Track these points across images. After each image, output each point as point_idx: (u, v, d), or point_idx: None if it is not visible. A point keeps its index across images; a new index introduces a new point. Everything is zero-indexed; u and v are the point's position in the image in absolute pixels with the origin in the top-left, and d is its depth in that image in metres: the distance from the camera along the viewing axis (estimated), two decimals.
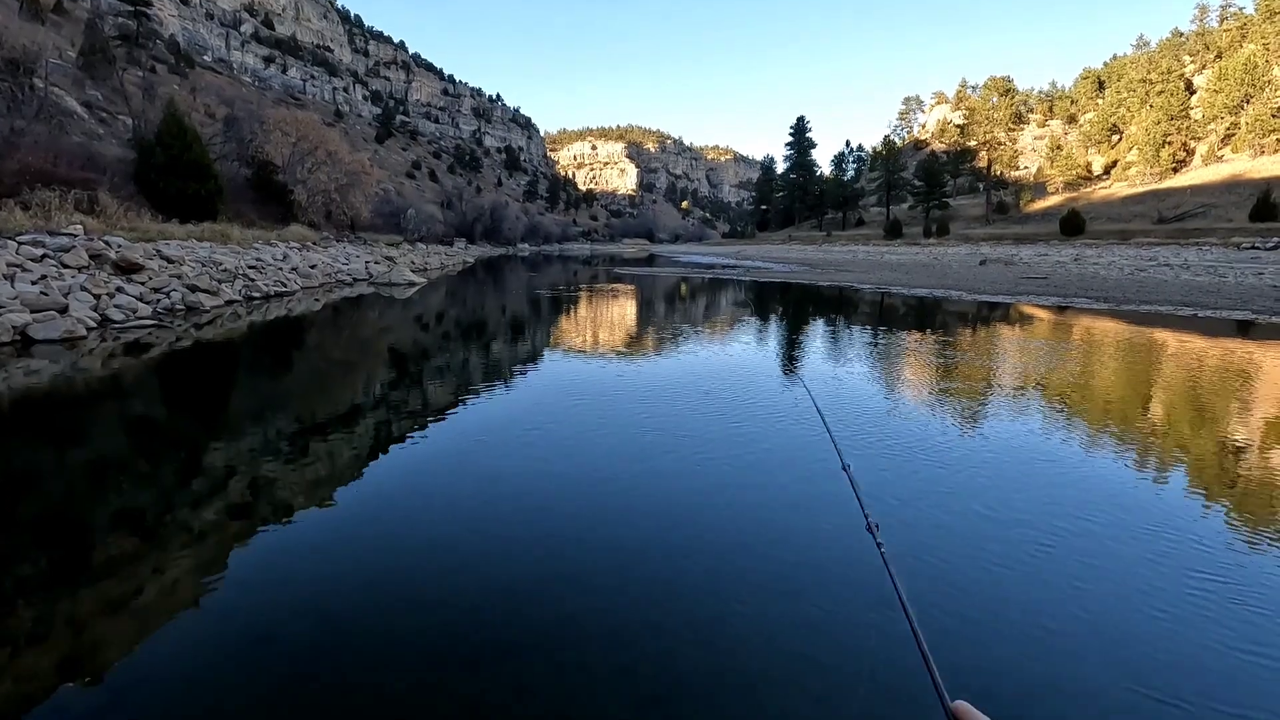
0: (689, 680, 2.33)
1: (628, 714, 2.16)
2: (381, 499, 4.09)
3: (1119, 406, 6.58)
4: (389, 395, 7.24)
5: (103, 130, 32.77)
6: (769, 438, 5.30)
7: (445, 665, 2.41)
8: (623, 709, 2.19)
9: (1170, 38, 79.97)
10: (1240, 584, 2.98)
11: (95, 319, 10.13)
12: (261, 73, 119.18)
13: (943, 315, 14.97)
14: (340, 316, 14.50)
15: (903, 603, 1.01)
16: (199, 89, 54.07)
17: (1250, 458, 4.90)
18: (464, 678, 2.34)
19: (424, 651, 2.49)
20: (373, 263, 26.84)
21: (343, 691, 2.28)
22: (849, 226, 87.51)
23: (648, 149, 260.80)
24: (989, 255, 39.14)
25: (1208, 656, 2.46)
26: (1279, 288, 17.42)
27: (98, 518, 3.81)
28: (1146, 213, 54.40)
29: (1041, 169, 77.66)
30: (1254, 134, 55.74)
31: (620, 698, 2.24)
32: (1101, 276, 23.16)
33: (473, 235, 79.30)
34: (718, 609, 2.77)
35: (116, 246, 13.27)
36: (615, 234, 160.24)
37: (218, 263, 16.15)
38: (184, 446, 5.35)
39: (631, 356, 9.77)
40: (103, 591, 2.94)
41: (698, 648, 2.51)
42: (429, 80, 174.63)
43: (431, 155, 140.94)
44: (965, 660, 2.44)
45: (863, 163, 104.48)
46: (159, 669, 2.39)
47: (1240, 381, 7.46)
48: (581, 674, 2.36)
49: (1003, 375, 7.92)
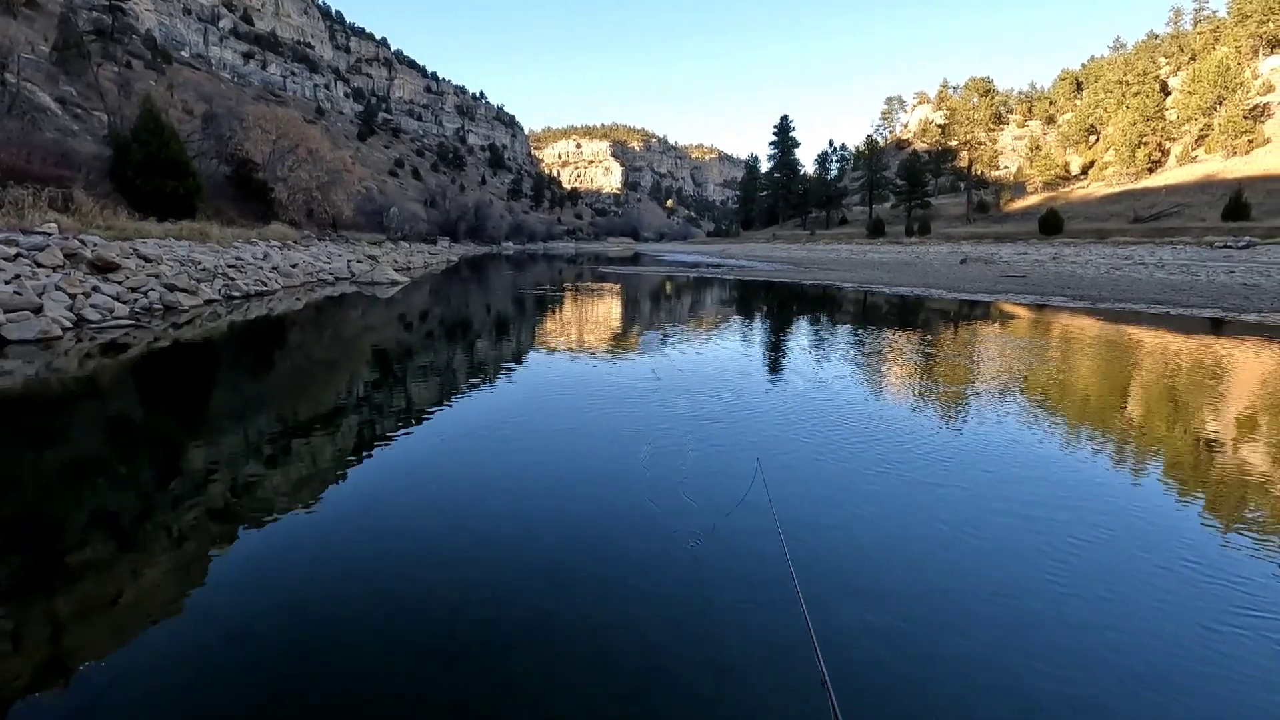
0: (670, 671, 2.37)
1: (611, 705, 2.20)
2: (363, 499, 4.09)
3: (1094, 406, 6.71)
4: (371, 395, 7.21)
5: (77, 127, 32.20)
6: (749, 438, 5.35)
7: (428, 662, 2.42)
8: (606, 700, 2.22)
9: (1146, 39, 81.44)
10: (1235, 582, 3.08)
11: (71, 319, 9.98)
12: (240, 69, 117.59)
13: (924, 313, 15.15)
14: (322, 316, 14.38)
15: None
16: (176, 85, 53.28)
17: (1229, 456, 5.03)
18: (447, 674, 2.36)
19: (407, 649, 2.50)
20: (355, 262, 26.61)
21: (326, 689, 2.29)
22: (832, 225, 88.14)
23: (632, 147, 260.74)
24: (970, 254, 39.61)
25: (1207, 668, 2.54)
26: (1249, 286, 17.81)
27: (74, 520, 3.78)
28: (1123, 212, 55.35)
29: (1021, 169, 78.72)
30: (1226, 135, 56.91)
31: (603, 689, 2.27)
32: (1079, 275, 23.54)
33: (456, 234, 78.86)
34: (698, 602, 2.81)
35: (92, 245, 13.06)
36: (600, 233, 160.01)
37: (196, 262, 15.94)
38: (163, 448, 5.30)
39: (613, 356, 9.80)
40: (79, 593, 2.91)
41: (679, 640, 2.55)
42: (411, 77, 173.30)
43: (414, 153, 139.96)
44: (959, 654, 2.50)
45: (846, 162, 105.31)
46: (138, 670, 2.38)
47: (1208, 378, 7.64)
48: (564, 668, 2.39)
49: (979, 375, 8.05)
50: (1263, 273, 21.18)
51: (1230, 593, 2.93)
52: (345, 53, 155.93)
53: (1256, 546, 3.40)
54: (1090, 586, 2.98)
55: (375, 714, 2.17)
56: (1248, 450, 5.07)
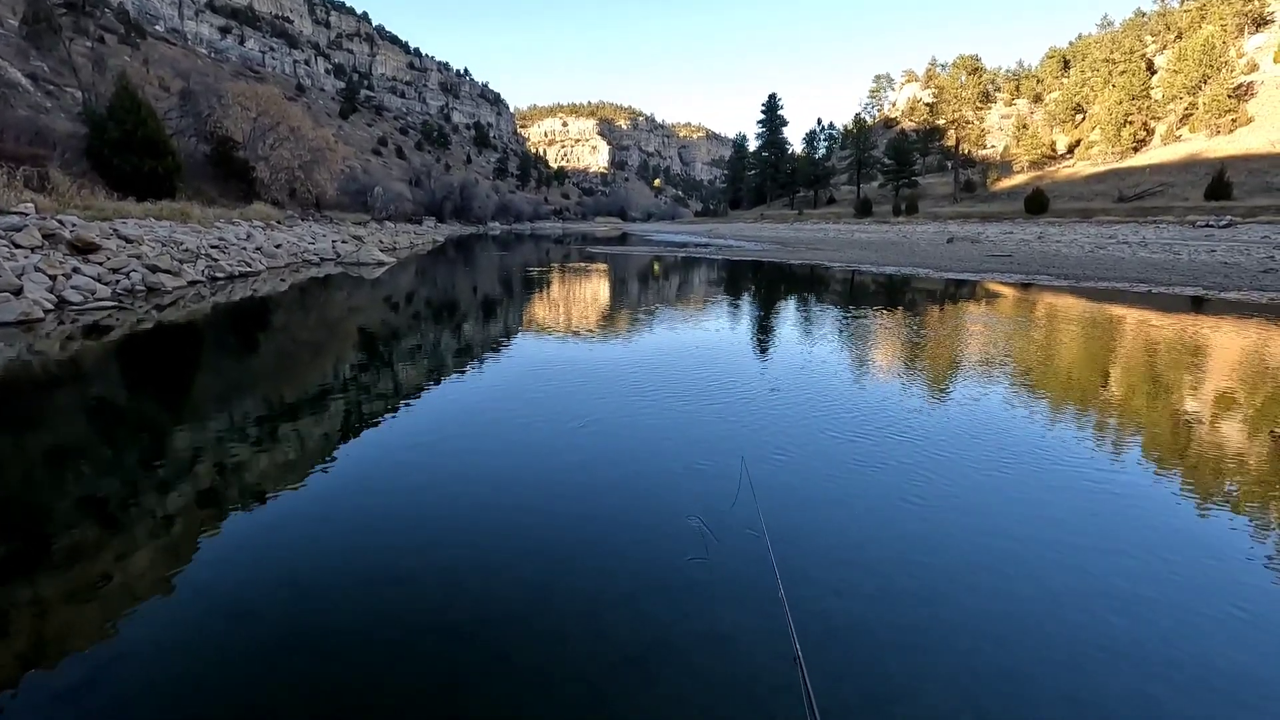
0: (663, 640, 2.42)
1: (604, 674, 2.25)
2: (355, 477, 4.11)
3: (1081, 387, 6.83)
4: (360, 377, 7.19)
5: (50, 104, 31.40)
6: (735, 412, 5.41)
7: (424, 635, 2.47)
8: (599, 670, 2.27)
9: (1133, 17, 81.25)
10: (1212, 549, 3.18)
11: (52, 301, 9.82)
12: (218, 44, 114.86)
13: (911, 293, 15.25)
14: (308, 297, 14.25)
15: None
16: (152, 61, 51.99)
17: (1206, 431, 5.16)
18: (442, 647, 2.40)
19: (402, 623, 2.54)
20: (340, 242, 26.30)
21: (322, 662, 2.32)
22: (820, 205, 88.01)
23: (619, 126, 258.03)
24: (956, 233, 39.76)
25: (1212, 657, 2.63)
26: (1229, 265, 18.05)
27: (61, 503, 3.77)
28: (1108, 191, 55.67)
29: (1008, 148, 78.76)
30: (1210, 114, 57.20)
31: (596, 660, 2.32)
32: (1063, 254, 23.73)
33: (442, 214, 77.97)
34: (689, 573, 2.87)
35: (71, 226, 12.83)
36: (587, 212, 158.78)
37: (179, 242, 15.70)
38: (149, 430, 5.28)
39: (603, 336, 9.81)
40: (71, 575, 2.92)
41: (671, 610, 2.61)
42: (394, 53, 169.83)
43: (398, 131, 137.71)
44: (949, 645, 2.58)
45: (834, 141, 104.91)
46: (135, 648, 2.40)
47: (1188, 355, 7.78)
48: (558, 640, 2.44)
49: (963, 355, 8.15)
50: (1243, 251, 21.45)
51: (1207, 560, 3.03)
52: (325, 28, 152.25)
53: (1231, 515, 3.51)
54: (1075, 562, 3.06)
55: (372, 686, 2.21)
56: (1224, 425, 5.21)
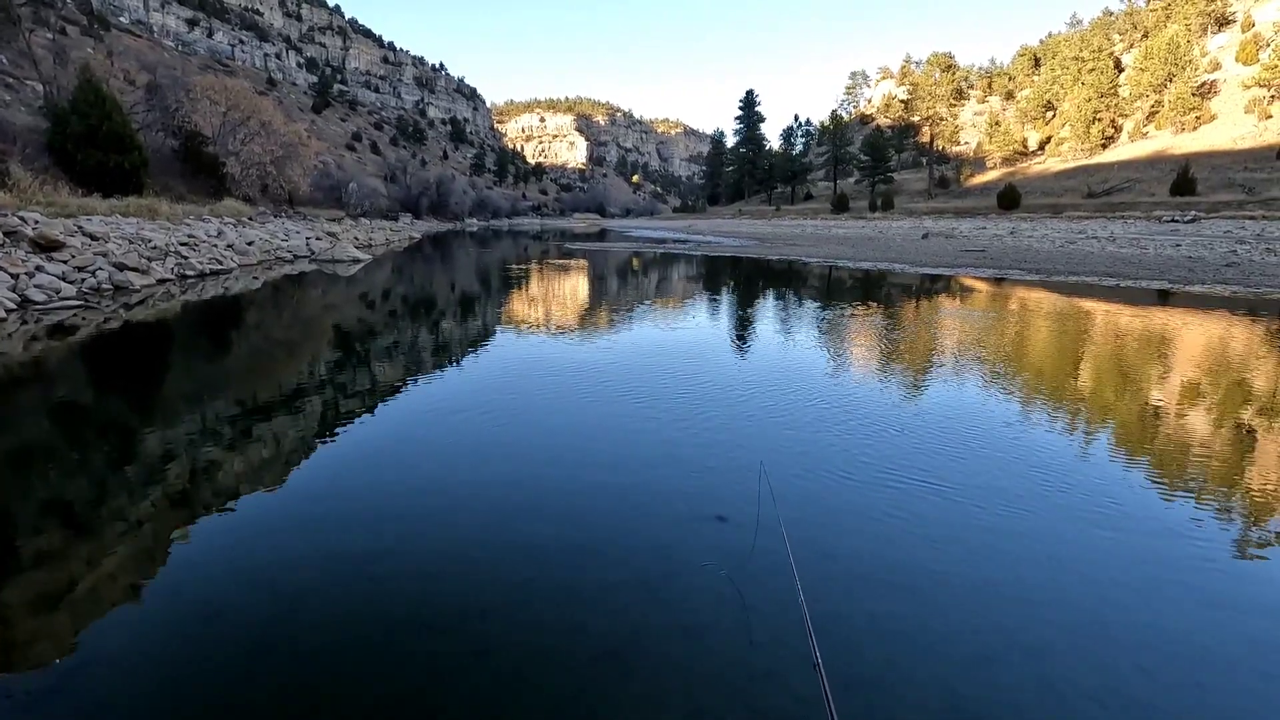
0: (640, 633, 2.45)
1: (583, 667, 2.27)
2: (331, 476, 4.07)
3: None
4: (335, 375, 7.11)
5: (9, 97, 30.50)
6: (716, 410, 5.44)
7: (402, 631, 2.46)
8: (578, 663, 2.29)
9: (1102, 16, 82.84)
10: (1222, 551, 3.27)
11: (15, 300, 9.56)
12: (185, 36, 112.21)
13: (887, 288, 15.42)
14: (282, 295, 14.02)
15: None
16: (116, 53, 50.57)
17: (1191, 428, 5.30)
18: (421, 642, 2.40)
19: (380, 619, 2.53)
20: (314, 239, 25.88)
21: (298, 663, 2.30)
22: (797, 200, 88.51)
23: (597, 121, 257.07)
24: (931, 229, 40.27)
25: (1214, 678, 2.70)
26: (1193, 259, 18.53)
27: (26, 507, 3.68)
28: (1078, 187, 56.73)
29: (981, 144, 79.87)
30: (1175, 112, 58.57)
31: (575, 653, 2.34)
32: (1035, 249, 24.16)
33: (418, 210, 77.07)
34: (667, 567, 2.90)
35: (34, 223, 12.47)
36: (566, 208, 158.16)
37: (147, 239, 15.33)
38: (117, 432, 5.17)
39: (582, 332, 9.80)
40: (35, 580, 2.86)
41: (648, 604, 2.63)
42: (368, 47, 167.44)
43: (373, 126, 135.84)
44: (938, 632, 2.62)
45: (811, 136, 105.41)
46: (107, 650, 2.36)
47: (1152, 347, 7.99)
48: (537, 633, 2.45)
49: (938, 349, 8.28)
50: (1206, 246, 22.04)
51: (1222, 565, 3.11)
52: (296, 20, 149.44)
53: (1218, 504, 3.63)
54: (1093, 573, 3.00)
55: (349, 685, 2.20)
56: (1195, 417, 5.38)
